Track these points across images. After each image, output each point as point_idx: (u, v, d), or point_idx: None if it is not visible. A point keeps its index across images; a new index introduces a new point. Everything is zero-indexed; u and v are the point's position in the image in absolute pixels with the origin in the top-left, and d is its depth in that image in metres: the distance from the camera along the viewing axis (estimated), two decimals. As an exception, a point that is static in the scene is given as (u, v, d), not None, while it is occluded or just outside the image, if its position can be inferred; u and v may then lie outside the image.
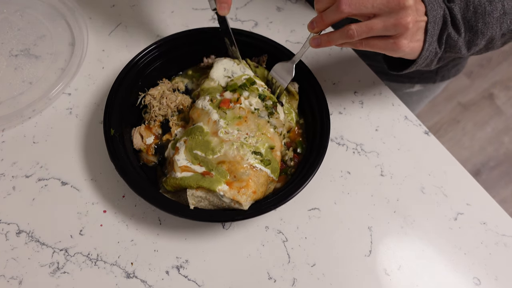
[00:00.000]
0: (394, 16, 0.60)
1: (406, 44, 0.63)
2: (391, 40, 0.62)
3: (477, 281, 0.72)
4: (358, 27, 0.62)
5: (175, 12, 0.98)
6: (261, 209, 0.67)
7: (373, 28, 0.61)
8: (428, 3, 0.64)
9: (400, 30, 0.61)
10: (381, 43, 0.63)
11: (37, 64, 0.88)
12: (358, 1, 0.60)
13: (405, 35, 0.62)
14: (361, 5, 0.60)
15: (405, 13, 0.60)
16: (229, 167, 0.69)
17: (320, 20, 0.65)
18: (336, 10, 0.61)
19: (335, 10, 0.62)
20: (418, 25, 0.63)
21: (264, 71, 0.84)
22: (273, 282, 0.70)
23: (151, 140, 0.78)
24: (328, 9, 0.63)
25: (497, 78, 2.42)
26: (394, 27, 0.61)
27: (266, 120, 0.74)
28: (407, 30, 0.61)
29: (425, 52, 0.66)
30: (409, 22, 0.60)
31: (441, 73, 1.10)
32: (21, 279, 0.68)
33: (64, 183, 0.76)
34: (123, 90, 0.78)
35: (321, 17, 0.64)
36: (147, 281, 0.69)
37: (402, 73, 0.73)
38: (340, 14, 0.61)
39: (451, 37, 0.67)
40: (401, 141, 0.84)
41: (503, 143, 2.23)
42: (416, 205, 0.78)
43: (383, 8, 0.60)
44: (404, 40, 0.62)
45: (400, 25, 0.60)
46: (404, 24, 0.60)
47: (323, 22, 0.64)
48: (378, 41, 0.63)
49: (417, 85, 1.13)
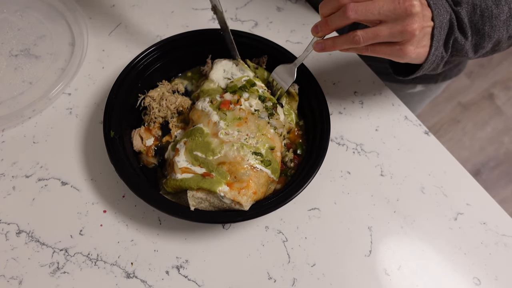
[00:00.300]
0: (400, 23, 0.60)
1: (412, 50, 0.62)
2: (397, 47, 0.62)
3: (477, 281, 0.72)
4: (364, 33, 0.61)
5: (175, 12, 0.98)
6: (262, 210, 0.67)
7: (379, 34, 0.61)
8: (434, 8, 0.63)
9: (407, 36, 0.61)
10: (387, 49, 0.63)
11: (37, 64, 0.88)
12: (365, 8, 0.59)
13: (411, 41, 0.62)
14: (368, 11, 0.59)
15: (411, 20, 0.60)
16: (230, 168, 0.69)
17: (324, 25, 0.64)
18: (342, 16, 0.61)
19: (341, 15, 0.61)
20: (424, 31, 0.62)
21: (264, 72, 0.84)
22: (273, 282, 0.70)
23: (151, 141, 0.78)
24: (334, 15, 0.62)
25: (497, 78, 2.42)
26: (401, 33, 0.60)
27: (266, 121, 0.74)
28: (413, 36, 0.61)
29: (431, 57, 0.65)
30: (415, 29, 0.60)
31: (443, 73, 1.10)
32: (21, 279, 0.68)
33: (64, 183, 0.76)
34: (123, 92, 0.78)
35: (326, 22, 0.64)
36: (147, 281, 0.69)
37: (409, 78, 0.73)
38: (346, 20, 0.61)
39: (457, 41, 0.67)
40: (401, 141, 0.84)
41: (503, 143, 2.23)
42: (416, 205, 0.78)
43: (389, 15, 0.59)
44: (410, 47, 0.62)
45: (406, 31, 0.60)
46: (411, 31, 0.60)
47: (328, 27, 0.64)
48: (384, 47, 0.63)
49: (419, 86, 1.13)
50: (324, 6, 0.64)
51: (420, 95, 1.18)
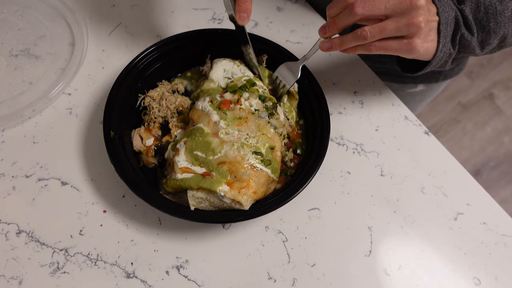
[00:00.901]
0: (406, 16, 0.61)
1: (420, 43, 0.63)
2: (404, 40, 0.64)
3: (477, 281, 0.72)
4: (371, 28, 0.63)
5: (175, 12, 0.98)
6: (262, 210, 0.67)
7: (386, 28, 0.62)
8: (439, 5, 0.65)
9: (413, 29, 0.62)
10: (395, 43, 0.64)
11: (37, 64, 0.88)
12: (371, 3, 0.61)
13: (418, 34, 0.63)
14: (374, 6, 0.61)
15: (416, 13, 0.61)
16: (230, 168, 0.69)
17: (333, 25, 0.66)
18: (349, 13, 0.63)
19: (348, 13, 0.63)
20: (430, 25, 0.64)
21: (264, 71, 0.84)
22: (273, 282, 0.70)
23: (151, 141, 0.78)
24: (341, 13, 0.64)
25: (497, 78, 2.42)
26: (407, 26, 0.62)
27: (267, 121, 0.74)
28: (419, 29, 0.62)
29: (439, 53, 0.66)
30: (421, 21, 0.62)
31: (443, 72, 1.10)
32: (21, 279, 0.68)
33: (64, 183, 0.76)
34: (123, 92, 0.78)
35: (334, 21, 0.65)
36: (147, 281, 0.69)
37: (417, 75, 0.73)
38: (354, 17, 0.62)
39: (464, 37, 0.68)
40: (401, 141, 0.84)
41: (503, 143, 2.23)
42: (416, 205, 0.78)
43: (395, 9, 0.61)
44: (417, 40, 0.63)
45: (412, 24, 0.62)
46: (416, 23, 0.62)
47: (336, 26, 0.65)
48: (392, 42, 0.64)
49: (420, 85, 1.13)
50: (332, 7, 0.66)
51: (421, 94, 1.18)
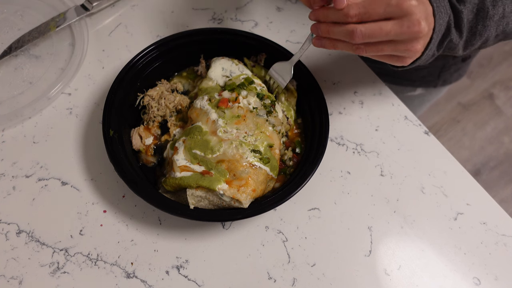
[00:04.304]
0: (405, 44, 0.59)
1: (410, 61, 0.63)
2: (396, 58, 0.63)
3: (477, 281, 0.72)
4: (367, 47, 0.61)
5: (175, 12, 0.98)
6: (261, 208, 0.67)
7: (383, 50, 0.60)
8: (437, 12, 0.61)
9: (410, 54, 0.61)
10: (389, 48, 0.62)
11: (37, 64, 0.88)
12: (373, 32, 0.57)
13: (414, 57, 0.62)
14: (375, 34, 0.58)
15: (417, 42, 0.59)
16: (229, 166, 0.69)
17: (326, 33, 0.62)
18: (348, 38, 0.59)
19: (347, 37, 0.59)
20: (424, 42, 0.62)
21: (261, 70, 0.84)
22: (273, 282, 0.70)
23: (150, 140, 0.78)
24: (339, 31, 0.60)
25: (497, 78, 2.42)
26: (405, 52, 0.60)
27: (265, 119, 0.74)
28: (416, 54, 0.61)
29: (424, 56, 0.64)
30: (419, 49, 0.60)
31: (443, 77, 1.10)
32: (21, 279, 0.68)
33: (64, 183, 0.76)
34: (122, 91, 0.78)
35: (328, 31, 0.62)
36: (147, 281, 0.69)
37: (399, 70, 0.72)
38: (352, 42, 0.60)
39: (452, 41, 0.67)
40: (401, 141, 0.84)
41: (503, 143, 2.22)
42: (416, 205, 0.78)
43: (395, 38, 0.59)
44: (409, 60, 0.63)
45: (410, 51, 0.60)
46: (414, 50, 0.60)
47: (329, 35, 0.62)
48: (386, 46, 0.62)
49: (419, 89, 1.13)
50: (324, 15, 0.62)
51: (419, 98, 1.18)
